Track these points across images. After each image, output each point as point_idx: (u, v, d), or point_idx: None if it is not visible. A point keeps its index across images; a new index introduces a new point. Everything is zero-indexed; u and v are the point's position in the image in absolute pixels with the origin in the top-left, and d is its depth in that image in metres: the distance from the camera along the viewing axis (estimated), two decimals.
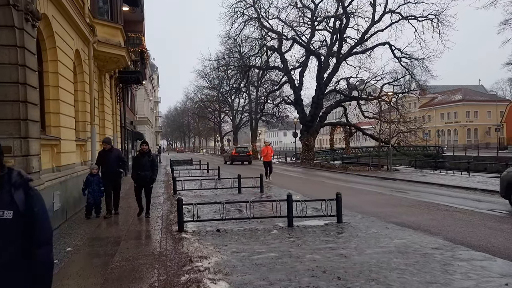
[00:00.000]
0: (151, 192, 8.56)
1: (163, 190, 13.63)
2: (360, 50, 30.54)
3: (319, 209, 8.41)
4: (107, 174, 8.38)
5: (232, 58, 37.75)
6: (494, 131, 58.59)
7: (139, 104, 39.79)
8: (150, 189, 8.48)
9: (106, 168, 8.39)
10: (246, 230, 6.97)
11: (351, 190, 13.62)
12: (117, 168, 8.45)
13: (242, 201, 7.64)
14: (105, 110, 14.75)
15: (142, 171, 8.12)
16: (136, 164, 8.32)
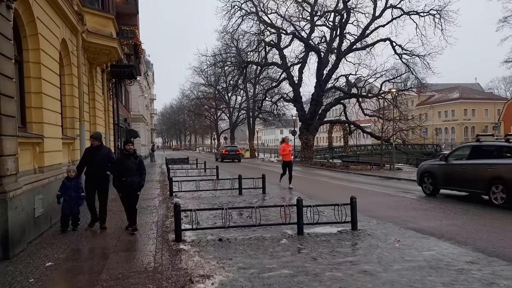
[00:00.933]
0: (137, 201, 7.13)
1: (159, 191, 12.84)
2: (360, 46, 29.86)
3: (328, 212, 7.71)
4: (93, 176, 7.09)
5: (229, 54, 36.91)
6: (491, 129, 58.31)
7: (134, 101, 38.86)
8: (137, 197, 7.07)
9: (92, 168, 7.10)
10: (251, 239, 6.22)
11: (358, 191, 12.90)
12: (105, 169, 7.15)
13: (247, 207, 6.88)
14: (96, 106, 13.92)
15: (128, 176, 6.73)
16: (119, 168, 6.87)
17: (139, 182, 6.93)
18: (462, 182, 10.62)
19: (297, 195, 11.33)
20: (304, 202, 6.61)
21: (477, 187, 10.15)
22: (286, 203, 9.79)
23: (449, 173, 11.11)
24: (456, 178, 10.80)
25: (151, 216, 8.41)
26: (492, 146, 10.55)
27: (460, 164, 10.87)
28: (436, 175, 11.55)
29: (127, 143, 7.12)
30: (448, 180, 11.14)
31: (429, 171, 11.96)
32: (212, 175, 16.71)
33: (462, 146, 12.52)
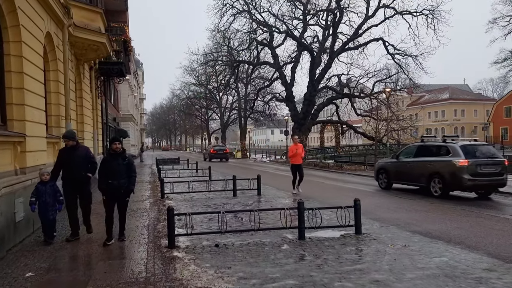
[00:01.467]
0: (126, 208, 6.37)
1: (149, 192, 12.35)
2: (353, 46, 29.71)
3: (328, 215, 7.36)
4: (71, 180, 6.29)
5: (221, 53, 36.43)
6: (480, 130, 58.90)
7: (123, 100, 38.16)
8: (126, 203, 6.31)
9: (69, 171, 6.28)
10: (250, 244, 5.82)
11: (354, 191, 12.61)
12: (84, 171, 6.36)
13: (245, 210, 6.46)
14: (84, 104, 13.37)
15: (114, 179, 5.94)
16: (105, 170, 6.06)
17: (128, 186, 6.11)
18: (409, 177, 12.15)
19: (292, 197, 10.99)
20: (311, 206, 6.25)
21: (421, 181, 11.65)
22: (283, 205, 9.44)
23: (399, 169, 12.62)
24: (405, 174, 12.32)
25: (142, 220, 7.96)
26: (432, 145, 12.00)
27: (407, 162, 12.35)
28: (389, 171, 13.05)
29: (113, 141, 6.25)
30: (398, 176, 12.65)
31: (384, 168, 13.44)
32: (205, 175, 16.26)
33: (409, 146, 13.83)
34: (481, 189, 11.08)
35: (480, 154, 10.94)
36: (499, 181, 10.75)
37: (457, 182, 10.54)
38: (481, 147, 11.47)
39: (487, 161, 10.74)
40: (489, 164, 10.73)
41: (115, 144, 6.16)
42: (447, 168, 10.71)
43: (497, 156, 11.39)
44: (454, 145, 11.03)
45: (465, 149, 10.78)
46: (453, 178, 10.57)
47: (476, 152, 10.91)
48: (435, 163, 11.17)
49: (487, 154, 11.03)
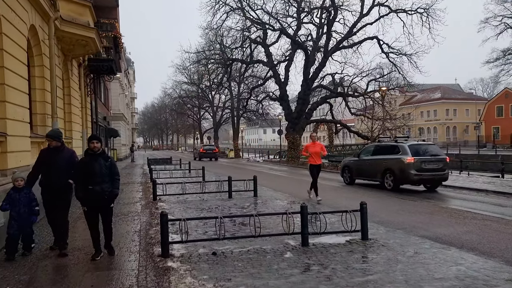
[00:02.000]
0: (111, 215, 5.49)
1: (141, 194, 11.86)
2: (347, 45, 29.44)
3: (329, 219, 6.98)
4: (50, 188, 5.45)
5: (213, 52, 35.91)
6: (472, 129, 59.28)
7: (114, 99, 37.40)
8: (111, 210, 5.42)
9: (49, 177, 5.43)
10: (250, 252, 5.41)
11: (352, 193, 12.27)
12: (66, 177, 5.46)
13: (245, 215, 6.03)
14: (72, 102, 12.83)
15: (96, 184, 5.07)
16: (84, 173, 5.16)
17: (112, 191, 5.27)
18: (368, 173, 13.66)
19: (289, 198, 10.60)
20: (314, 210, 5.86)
21: (377, 177, 13.10)
22: (281, 207, 9.03)
23: (360, 167, 14.09)
24: (364, 171, 13.82)
25: (133, 224, 7.48)
26: (386, 145, 13.41)
27: (366, 160, 13.81)
28: (352, 168, 14.53)
29: (92, 139, 5.29)
30: (359, 172, 14.12)
31: (347, 165, 14.93)
32: (198, 176, 15.79)
33: (369, 145, 15.48)
34: (426, 183, 12.60)
35: (425, 152, 12.41)
36: (441, 175, 12.34)
37: (405, 176, 12.06)
38: (426, 146, 12.96)
39: (430, 158, 12.25)
40: (433, 161, 12.22)
41: (93, 143, 5.22)
42: (397, 165, 12.22)
43: (440, 154, 12.82)
44: (403, 145, 12.46)
45: (412, 148, 12.21)
46: (402, 174, 12.08)
47: (421, 150, 12.36)
48: (388, 161, 12.67)
49: (431, 153, 12.55)
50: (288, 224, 5.65)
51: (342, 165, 15.67)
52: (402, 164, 12.03)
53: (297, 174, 20.47)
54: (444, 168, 12.34)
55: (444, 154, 13.45)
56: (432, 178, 12.26)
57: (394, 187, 12.31)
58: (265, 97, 36.01)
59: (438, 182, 12.60)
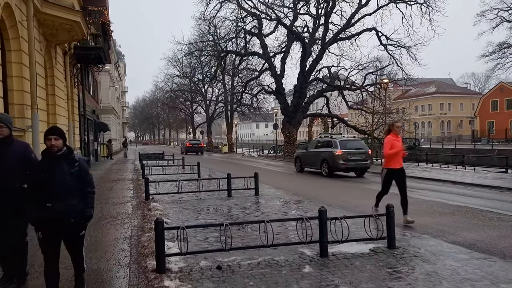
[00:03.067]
0: (82, 246, 3.82)
1: (132, 193, 10.95)
2: (345, 36, 28.63)
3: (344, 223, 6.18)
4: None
5: (207, 43, 34.81)
6: (467, 124, 59.15)
7: (104, 92, 36.16)
8: (81, 239, 3.76)
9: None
10: (261, 265, 4.59)
11: (360, 190, 11.53)
12: (17, 180, 3.78)
13: (255, 221, 5.15)
14: (57, 93, 11.84)
15: (56, 200, 3.43)
16: (39, 184, 3.49)
17: (82, 211, 3.55)
18: (312, 162, 16.69)
19: (293, 197, 9.81)
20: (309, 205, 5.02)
21: (317, 165, 16.06)
22: (288, 208, 8.24)
23: (306, 157, 17.32)
24: (310, 161, 16.94)
25: (123, 229, 6.61)
26: (324, 140, 16.76)
27: (311, 151, 16.97)
28: (301, 159, 17.75)
29: (48, 134, 3.50)
30: (306, 162, 17.29)
31: (298, 156, 18.30)
32: (193, 172, 14.91)
33: (313, 140, 19.29)
34: (352, 170, 15.58)
35: (351, 146, 15.44)
36: (364, 164, 15.33)
37: (336, 165, 15.04)
38: (352, 141, 16.76)
39: (355, 151, 15.19)
40: (357, 153, 15.20)
41: (50, 140, 3.46)
42: (330, 156, 15.20)
43: (364, 147, 15.94)
44: (335, 140, 15.73)
45: (341, 143, 15.34)
46: (333, 163, 15.07)
47: (348, 145, 15.48)
48: (324, 153, 15.72)
49: (356, 147, 15.61)
50: (302, 231, 4.83)
51: (294, 156, 18.97)
52: (333, 156, 15.07)
53: (294, 169, 19.65)
54: (366, 159, 15.37)
55: (367, 148, 16.44)
56: (356, 166, 15.29)
57: (329, 173, 15.31)
58: (260, 90, 35.09)
59: (363, 170, 15.55)
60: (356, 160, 15.08)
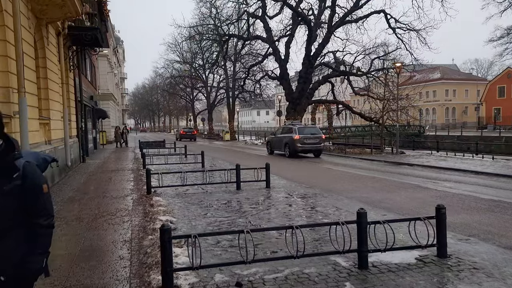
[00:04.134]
0: None
1: (132, 185, 10.11)
2: (353, 19, 27.44)
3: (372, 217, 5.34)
4: None
5: (208, 27, 33.57)
6: (472, 110, 58.09)
7: (102, 78, 35.09)
8: None
9: None
10: (289, 280, 3.77)
11: (379, 182, 10.69)
12: None
13: (282, 227, 4.27)
14: (49, 77, 10.90)
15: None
16: None
17: (24, 262, 1.93)
18: (279, 146, 19.66)
19: (308, 189, 8.98)
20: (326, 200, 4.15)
21: (282, 148, 19.12)
22: (306, 204, 7.41)
23: (274, 141, 20.39)
24: (277, 144, 20.02)
25: (122, 230, 5.78)
26: (287, 127, 19.58)
27: (278, 137, 19.96)
28: (271, 143, 20.87)
29: None
30: (275, 146, 20.30)
31: (269, 140, 21.63)
32: (197, 162, 14.06)
33: (281, 127, 22.16)
34: (308, 152, 18.66)
35: (307, 132, 18.59)
36: (317, 147, 18.47)
37: (294, 148, 18.08)
38: (309, 128, 20.02)
39: (310, 136, 18.33)
40: (311, 137, 18.32)
41: None
42: (290, 140, 18.18)
43: (318, 133, 19.00)
44: (294, 127, 18.62)
45: (299, 129, 18.39)
46: (293, 146, 18.07)
47: (305, 130, 18.64)
48: (287, 137, 18.68)
49: (311, 132, 18.74)
50: (337, 238, 4.00)
51: (266, 141, 22.94)
52: (292, 140, 18.04)
53: (302, 159, 18.81)
54: (320, 142, 18.61)
55: (321, 133, 19.39)
56: (311, 149, 18.41)
57: (290, 155, 18.30)
58: (263, 76, 33.94)
59: (318, 151, 18.66)
60: (311, 144, 18.28)
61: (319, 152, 18.72)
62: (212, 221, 6.12)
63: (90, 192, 9.08)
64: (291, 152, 18.15)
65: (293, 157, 18.02)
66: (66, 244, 5.10)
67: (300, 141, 17.85)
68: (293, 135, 18.03)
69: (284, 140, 18.79)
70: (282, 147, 19.07)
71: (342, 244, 3.94)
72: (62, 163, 11.85)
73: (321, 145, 18.64)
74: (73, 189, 9.48)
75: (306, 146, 18.07)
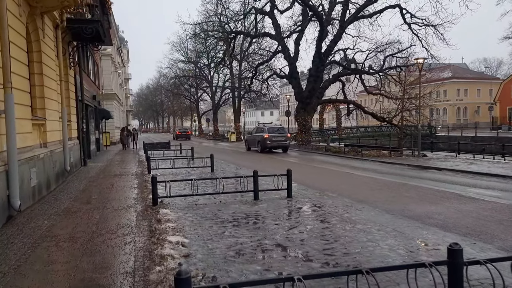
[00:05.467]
0: None
1: (136, 193, 9.04)
2: (366, 14, 26.25)
3: None
4: None
5: (213, 27, 32.50)
6: (484, 110, 56.58)
7: (106, 77, 34.16)
8: None
9: None
10: None
11: (411, 190, 9.55)
12: None
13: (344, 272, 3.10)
14: (45, 72, 9.87)
15: None
16: None
17: None
18: (253, 143, 23.63)
19: (336, 199, 7.86)
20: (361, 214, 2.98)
21: (255, 145, 23.03)
22: (341, 219, 6.30)
23: (250, 140, 24.42)
24: (252, 142, 23.83)
25: (122, 254, 4.69)
26: (260, 127, 23.61)
27: (253, 135, 23.97)
28: (248, 141, 24.86)
29: None
30: (251, 143, 24.09)
31: (246, 139, 25.72)
32: (206, 166, 12.98)
33: (255, 127, 25.38)
34: (276, 148, 22.23)
35: (275, 131, 22.25)
36: (284, 144, 22.15)
37: (265, 145, 21.70)
38: (277, 128, 23.32)
39: (277, 134, 22.00)
40: (279, 136, 21.97)
41: None
42: (261, 138, 21.83)
43: (284, 132, 22.80)
44: (265, 127, 22.48)
45: (269, 129, 22.15)
46: (263, 143, 21.72)
47: (273, 130, 22.26)
48: (259, 136, 22.31)
49: (279, 131, 22.43)
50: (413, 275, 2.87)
51: (245, 139, 27.04)
52: (263, 138, 21.69)
53: (313, 160, 17.69)
54: (286, 140, 22.34)
55: (287, 132, 23.69)
56: (278, 145, 22.10)
57: (261, 151, 22.00)
58: (271, 74, 32.82)
59: (284, 148, 22.36)
60: (278, 141, 21.99)
61: (286, 148, 22.45)
62: (233, 243, 5.03)
63: (89, 201, 8.03)
64: (262, 148, 21.88)
65: (263, 152, 21.71)
66: (52, 277, 4.02)
67: (269, 139, 21.65)
68: (264, 134, 21.88)
69: (257, 138, 22.73)
70: (255, 144, 22.91)
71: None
72: (60, 167, 10.82)
73: (287, 142, 22.38)
74: (70, 198, 8.43)
75: (274, 143, 21.84)
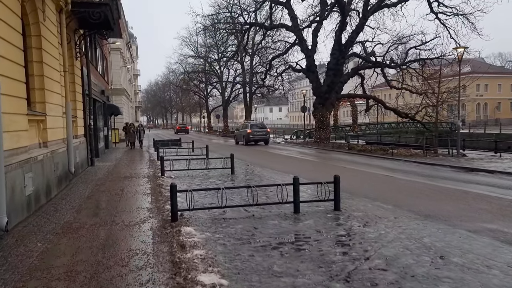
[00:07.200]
0: None
1: (150, 201, 7.65)
2: (390, 3, 24.56)
3: None
4: None
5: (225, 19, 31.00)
6: (506, 106, 54.38)
7: (115, 72, 32.95)
8: None
9: None
10: None
11: (478, 200, 8.03)
12: None
13: None
14: (46, 61, 8.53)
15: None
16: None
17: None
18: (240, 138, 27.87)
19: (394, 215, 6.39)
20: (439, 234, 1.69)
21: (242, 140, 27.29)
22: (429, 246, 4.85)
23: (238, 135, 28.57)
24: (239, 137, 28.04)
25: None
26: (245, 124, 28.97)
27: (240, 131, 28.20)
28: (237, 136, 28.99)
29: None
30: (239, 138, 28.15)
31: (235, 135, 29.68)
32: (226, 167, 11.56)
33: (242, 124, 31.36)
34: (257, 141, 26.70)
35: (257, 127, 27.46)
36: (265, 137, 26.87)
37: (248, 139, 26.20)
38: (258, 124, 29.33)
39: (259, 130, 26.89)
40: (260, 131, 26.75)
41: None
42: (246, 134, 26.31)
43: (264, 127, 27.84)
44: (248, 124, 28.09)
45: (252, 125, 27.32)
46: (247, 137, 26.23)
47: (255, 126, 27.50)
48: (244, 131, 26.83)
49: (260, 127, 27.62)
50: None
51: (234, 134, 30.88)
52: (247, 133, 26.11)
53: (337, 160, 16.14)
54: (266, 134, 26.99)
55: (267, 127, 28.51)
56: (259, 139, 26.54)
57: (246, 144, 26.17)
58: (286, 68, 31.22)
59: (265, 141, 26.81)
60: (259, 135, 26.51)
61: (267, 141, 26.97)
62: (289, 286, 3.62)
63: (95, 213, 6.69)
64: (246, 141, 26.26)
65: (248, 145, 25.80)
66: None
67: (251, 134, 26.02)
68: (247, 130, 26.36)
69: (242, 133, 27.12)
70: (242, 138, 27.18)
71: None
72: (63, 169, 9.51)
73: (267, 136, 27.05)
74: (73, 208, 7.11)
75: (256, 137, 26.32)
